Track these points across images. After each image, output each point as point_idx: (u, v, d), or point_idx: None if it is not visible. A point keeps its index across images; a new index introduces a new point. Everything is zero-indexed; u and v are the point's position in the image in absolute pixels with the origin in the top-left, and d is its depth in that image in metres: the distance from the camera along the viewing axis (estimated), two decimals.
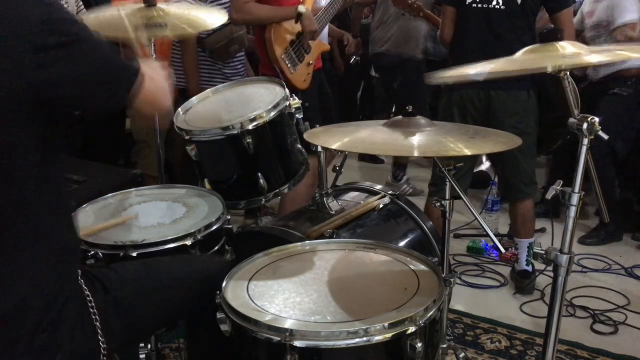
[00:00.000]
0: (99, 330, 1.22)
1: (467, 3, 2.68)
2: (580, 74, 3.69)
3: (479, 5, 2.66)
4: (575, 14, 3.53)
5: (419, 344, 1.22)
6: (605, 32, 3.48)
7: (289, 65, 2.81)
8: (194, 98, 2.20)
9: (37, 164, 1.11)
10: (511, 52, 1.35)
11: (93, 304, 1.23)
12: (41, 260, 1.15)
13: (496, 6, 2.63)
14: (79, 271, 1.27)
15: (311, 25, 2.79)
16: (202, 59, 3.19)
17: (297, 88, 2.85)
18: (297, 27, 2.82)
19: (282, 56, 2.79)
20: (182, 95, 3.05)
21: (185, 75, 3.16)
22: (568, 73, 1.26)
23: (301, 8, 2.75)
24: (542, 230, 3.40)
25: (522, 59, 1.29)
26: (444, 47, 2.97)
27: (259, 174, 1.98)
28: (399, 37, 4.05)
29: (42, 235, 1.15)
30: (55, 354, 1.16)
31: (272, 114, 1.94)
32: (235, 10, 2.73)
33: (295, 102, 2.03)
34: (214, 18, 2.10)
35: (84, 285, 1.24)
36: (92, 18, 1.97)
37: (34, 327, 1.14)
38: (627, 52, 1.23)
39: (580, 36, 3.60)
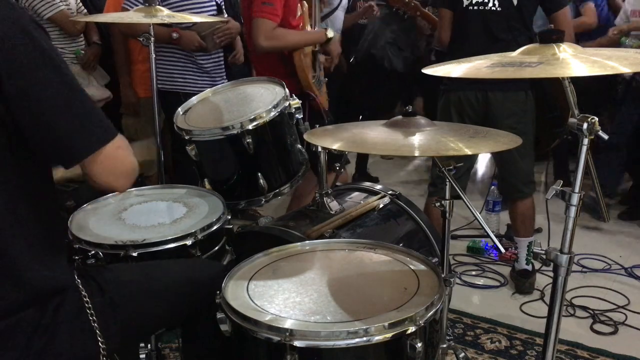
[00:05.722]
0: (97, 332, 1.22)
1: (464, 6, 2.71)
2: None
3: (476, 8, 2.68)
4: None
5: (419, 344, 1.22)
6: None
7: (316, 87, 2.70)
8: (194, 98, 2.20)
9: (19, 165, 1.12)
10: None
11: (90, 305, 1.23)
12: (30, 258, 1.16)
13: (492, 8, 2.65)
14: (75, 272, 1.27)
15: (337, 48, 2.74)
16: (176, 54, 2.98)
17: (324, 108, 2.73)
18: (310, 47, 2.71)
19: (313, 81, 2.67)
20: (165, 98, 2.96)
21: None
22: None
23: (330, 33, 2.69)
24: (539, 230, 3.39)
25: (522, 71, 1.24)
26: (442, 49, 2.96)
27: (259, 174, 1.98)
28: None
29: (30, 234, 1.16)
30: (55, 357, 1.16)
31: (272, 114, 1.94)
32: (264, 38, 2.46)
33: (295, 102, 2.02)
34: None
35: (80, 286, 1.24)
36: None
37: (31, 330, 1.14)
38: (616, 64, 1.13)
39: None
